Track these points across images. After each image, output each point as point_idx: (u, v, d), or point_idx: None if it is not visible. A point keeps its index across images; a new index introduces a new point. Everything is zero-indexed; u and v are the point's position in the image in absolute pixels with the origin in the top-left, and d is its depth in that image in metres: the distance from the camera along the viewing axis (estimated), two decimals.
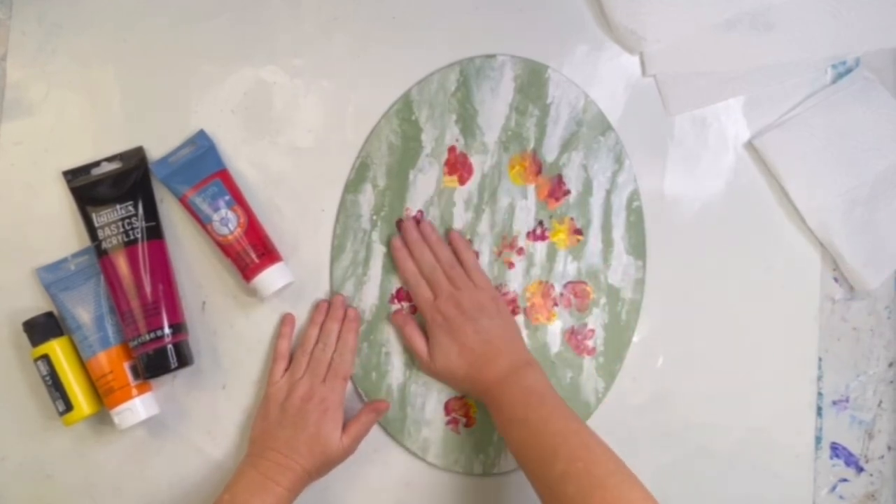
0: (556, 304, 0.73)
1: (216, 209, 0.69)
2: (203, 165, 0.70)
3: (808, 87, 0.75)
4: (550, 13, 0.74)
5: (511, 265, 0.73)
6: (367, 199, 0.73)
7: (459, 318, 0.68)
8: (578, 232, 0.73)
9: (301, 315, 0.72)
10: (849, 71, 0.75)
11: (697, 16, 0.73)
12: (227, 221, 0.69)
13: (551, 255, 0.73)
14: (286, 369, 0.70)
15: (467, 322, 0.68)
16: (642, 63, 0.75)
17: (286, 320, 0.71)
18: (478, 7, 0.74)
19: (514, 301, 0.72)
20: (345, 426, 0.68)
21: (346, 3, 0.74)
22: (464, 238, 0.72)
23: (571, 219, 0.73)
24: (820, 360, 0.74)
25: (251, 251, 0.69)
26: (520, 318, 0.72)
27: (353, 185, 0.73)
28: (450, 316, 0.68)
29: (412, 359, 0.72)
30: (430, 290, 0.70)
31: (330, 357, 0.69)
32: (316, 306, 0.72)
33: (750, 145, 0.74)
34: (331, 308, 0.71)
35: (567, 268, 0.73)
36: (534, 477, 0.60)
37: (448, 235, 0.72)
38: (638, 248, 0.73)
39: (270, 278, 0.69)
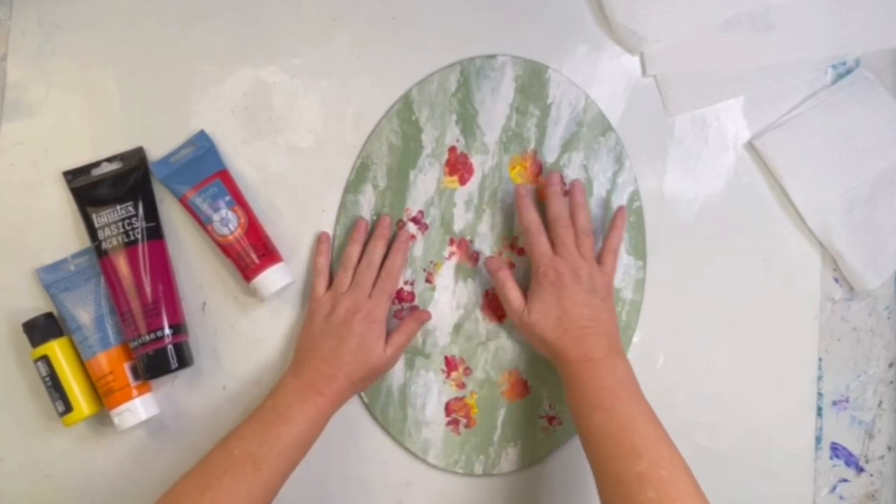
0: None
1: (216, 209, 0.69)
2: (203, 166, 0.70)
3: (808, 88, 0.75)
4: (550, 13, 0.74)
5: (512, 266, 0.73)
6: (367, 199, 0.73)
7: (574, 286, 0.66)
8: None
9: (303, 314, 0.72)
10: (849, 71, 0.75)
11: (697, 16, 0.73)
12: (228, 222, 0.69)
13: None
14: (328, 285, 0.70)
15: (580, 292, 0.65)
16: (642, 63, 0.75)
17: (322, 238, 0.72)
18: (477, 7, 0.74)
19: None
20: (387, 337, 0.68)
21: (346, 3, 0.74)
22: (622, 224, 0.70)
23: None
24: (820, 360, 0.74)
25: (251, 252, 0.69)
26: None
27: (354, 185, 0.73)
28: (564, 279, 0.66)
29: (413, 360, 0.72)
30: (552, 244, 0.68)
31: (375, 275, 0.69)
32: (355, 225, 0.71)
33: (750, 145, 0.74)
34: (377, 227, 0.71)
35: None
36: (602, 466, 0.60)
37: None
38: (638, 248, 0.73)
39: (271, 279, 0.69)
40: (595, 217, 0.73)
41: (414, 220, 0.73)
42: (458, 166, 0.73)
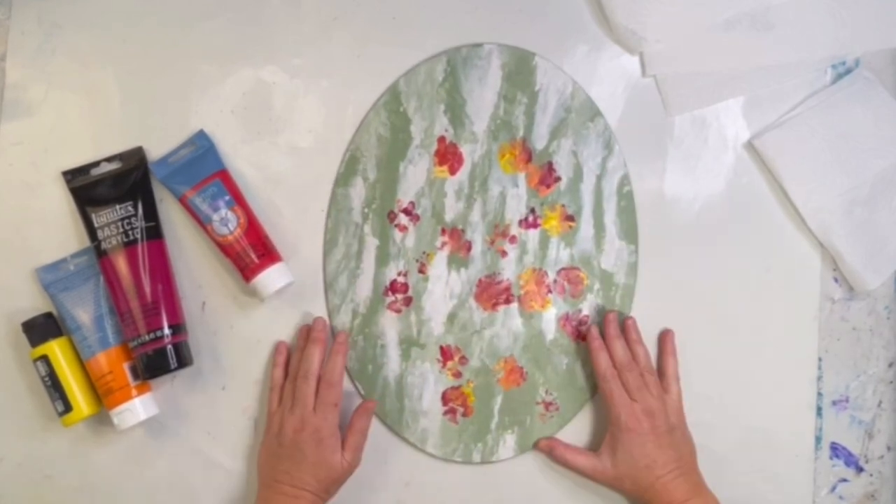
0: (549, 291, 0.73)
1: (216, 209, 0.69)
2: (203, 165, 0.70)
3: (808, 88, 0.75)
4: (550, 13, 0.74)
5: (504, 254, 0.73)
6: (357, 192, 0.73)
7: (655, 431, 0.67)
8: (570, 218, 0.73)
9: (302, 313, 0.72)
10: (849, 71, 0.75)
11: (697, 16, 0.73)
12: (227, 221, 0.69)
13: (544, 243, 0.73)
14: (280, 400, 0.69)
15: (663, 434, 0.68)
16: (642, 63, 0.75)
17: (279, 349, 0.71)
18: (478, 7, 0.74)
19: (507, 289, 0.72)
20: (343, 441, 0.67)
21: (346, 3, 0.74)
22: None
23: (563, 205, 0.73)
24: (820, 360, 0.74)
25: (251, 251, 0.69)
26: (514, 307, 0.72)
27: (344, 178, 0.73)
28: (644, 426, 0.67)
29: (408, 350, 0.72)
30: (626, 390, 0.69)
31: (314, 385, 0.67)
32: (299, 331, 0.71)
33: (750, 145, 0.74)
34: (311, 331, 0.70)
35: (560, 254, 0.73)
36: None
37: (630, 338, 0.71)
38: (630, 232, 0.73)
39: (270, 278, 0.69)
40: (584, 203, 0.73)
41: (405, 211, 0.73)
42: (447, 156, 0.73)
